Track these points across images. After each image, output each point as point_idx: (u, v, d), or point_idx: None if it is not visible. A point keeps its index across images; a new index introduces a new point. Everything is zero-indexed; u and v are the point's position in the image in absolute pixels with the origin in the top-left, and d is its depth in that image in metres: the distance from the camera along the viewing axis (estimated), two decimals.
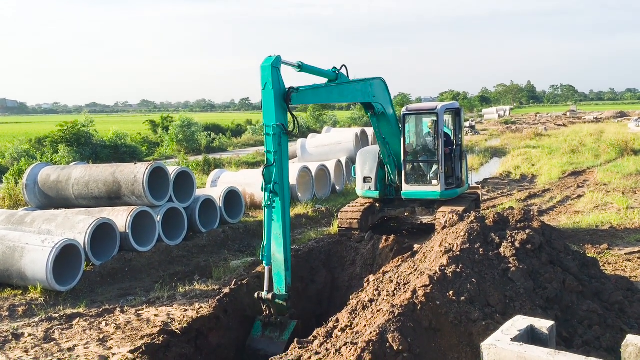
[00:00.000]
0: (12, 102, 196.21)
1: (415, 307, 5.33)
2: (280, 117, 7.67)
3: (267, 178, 7.73)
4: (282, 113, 7.72)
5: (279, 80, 7.67)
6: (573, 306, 5.75)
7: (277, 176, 7.68)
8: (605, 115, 69.13)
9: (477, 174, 24.34)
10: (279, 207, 7.68)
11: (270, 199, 7.68)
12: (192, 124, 36.59)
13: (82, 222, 10.85)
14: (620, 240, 11.06)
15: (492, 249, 6.21)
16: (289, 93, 7.75)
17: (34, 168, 13.73)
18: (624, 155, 24.49)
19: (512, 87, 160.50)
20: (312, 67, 9.02)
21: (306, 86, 8.46)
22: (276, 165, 7.67)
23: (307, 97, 8.60)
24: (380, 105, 10.99)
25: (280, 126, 7.62)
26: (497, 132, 49.06)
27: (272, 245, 7.71)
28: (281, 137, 7.67)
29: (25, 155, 25.14)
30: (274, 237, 7.72)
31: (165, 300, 9.03)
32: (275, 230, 7.71)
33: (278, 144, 7.66)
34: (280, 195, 7.69)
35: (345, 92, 9.80)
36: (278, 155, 7.68)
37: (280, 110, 7.69)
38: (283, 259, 7.65)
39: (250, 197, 16.49)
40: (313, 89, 8.77)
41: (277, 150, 7.65)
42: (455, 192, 12.05)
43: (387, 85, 11.29)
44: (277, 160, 7.67)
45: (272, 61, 7.56)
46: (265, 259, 7.64)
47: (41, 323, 8.15)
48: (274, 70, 7.56)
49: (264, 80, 7.61)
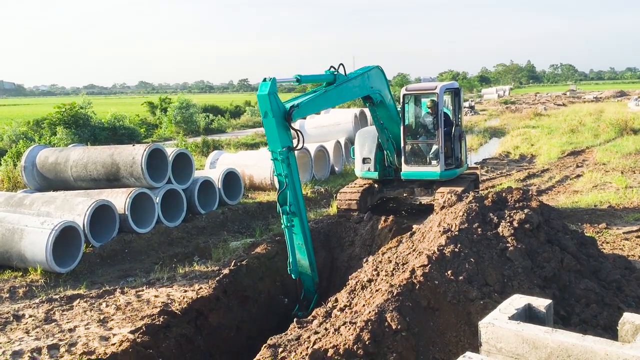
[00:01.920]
0: (9, 84, 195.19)
1: (413, 286, 5.36)
2: (285, 140, 7.78)
3: (282, 201, 7.95)
4: (286, 135, 7.82)
5: (277, 105, 7.69)
6: (571, 285, 5.78)
7: (292, 197, 7.88)
8: (605, 95, 68.88)
9: (476, 154, 24.31)
10: (298, 223, 7.96)
11: (288, 219, 7.94)
12: (190, 105, 36.40)
13: (81, 204, 10.85)
14: (618, 220, 11.09)
15: (491, 228, 6.22)
16: (290, 112, 7.81)
17: (32, 150, 13.69)
18: (623, 135, 24.45)
19: (512, 67, 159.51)
20: (309, 77, 9.03)
21: (305, 100, 8.51)
22: (289, 187, 7.84)
23: (308, 109, 8.76)
24: (378, 94, 10.96)
25: (286, 150, 7.73)
26: (497, 112, 48.93)
27: (297, 255, 8.16)
28: (289, 158, 7.80)
29: (24, 138, 25.04)
30: (297, 247, 8.13)
31: (165, 281, 9.07)
32: (297, 242, 8.09)
33: (287, 165, 7.78)
34: (297, 213, 7.93)
35: (343, 92, 9.77)
36: (289, 177, 7.83)
37: (284, 133, 7.79)
38: (308, 263, 8.21)
39: (249, 178, 16.49)
40: (312, 101, 8.81)
41: (287, 173, 7.80)
42: (455, 173, 12.05)
43: (384, 73, 11.22)
44: (289, 182, 7.84)
45: (268, 89, 7.51)
46: (294, 272, 8.19)
47: (42, 304, 8.19)
48: (271, 97, 7.55)
49: (263, 109, 7.63)
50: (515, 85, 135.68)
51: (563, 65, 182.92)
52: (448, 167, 11.84)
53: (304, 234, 8.05)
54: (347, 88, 9.85)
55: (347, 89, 9.83)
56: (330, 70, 9.39)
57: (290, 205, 7.86)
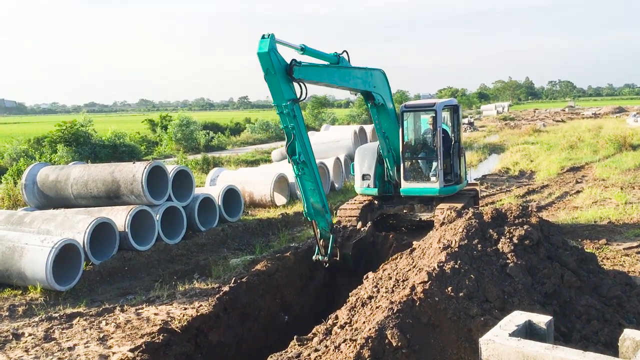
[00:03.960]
0: (10, 103, 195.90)
1: (414, 303, 5.34)
2: (289, 93, 8.08)
3: (292, 152, 8.31)
4: (289, 88, 8.11)
5: (278, 60, 7.91)
6: (571, 301, 5.76)
7: (300, 146, 8.25)
8: (603, 111, 69.14)
9: (476, 170, 24.35)
10: (308, 170, 8.38)
11: (299, 169, 8.36)
12: (190, 122, 36.56)
13: (81, 222, 10.85)
14: (618, 236, 11.09)
15: (490, 245, 6.22)
16: (291, 66, 8.05)
17: (32, 168, 13.73)
18: (622, 151, 24.52)
19: (511, 84, 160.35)
20: (314, 50, 9.35)
21: (309, 63, 8.71)
22: (296, 137, 8.19)
23: (309, 73, 8.85)
24: (380, 96, 11.06)
25: (291, 102, 8.05)
26: (496, 128, 49.10)
27: (310, 200, 8.60)
28: (294, 110, 8.13)
29: (24, 156, 25.11)
30: (309, 192, 8.57)
31: (164, 298, 9.05)
32: (309, 187, 8.53)
33: (293, 117, 8.11)
34: (307, 161, 8.33)
35: (346, 76, 9.98)
36: (296, 129, 8.18)
37: (287, 86, 8.07)
38: (321, 205, 8.70)
39: (249, 195, 16.50)
40: (315, 66, 9.06)
41: (293, 124, 8.14)
42: (454, 189, 12.06)
43: (387, 78, 11.31)
44: (297, 133, 8.19)
45: (268, 46, 7.73)
46: (309, 215, 8.72)
47: (41, 323, 8.16)
48: (271, 54, 7.77)
49: (265, 66, 7.88)
50: (514, 101, 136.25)
51: (561, 82, 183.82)
52: (447, 183, 11.87)
53: (315, 180, 8.45)
54: (350, 74, 10.12)
55: (349, 74, 10.09)
56: (335, 53, 9.70)
57: (300, 154, 8.24)
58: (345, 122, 50.37)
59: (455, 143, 12.21)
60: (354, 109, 63.94)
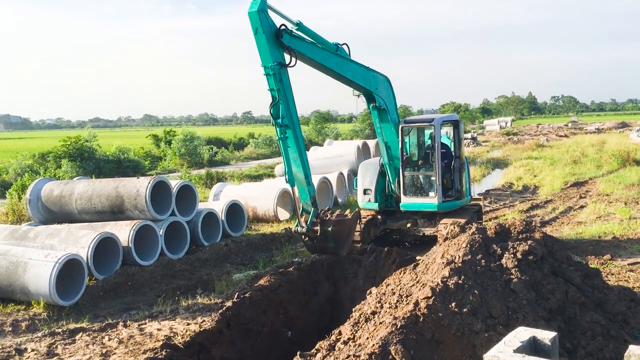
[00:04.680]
0: (15, 118, 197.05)
1: (417, 319, 5.33)
2: (277, 56, 8.34)
3: (275, 114, 8.52)
4: (277, 51, 8.36)
5: (268, 22, 8.17)
6: (576, 317, 5.73)
7: (284, 110, 8.47)
8: (606, 126, 69.16)
9: (479, 185, 24.34)
10: (292, 135, 8.55)
11: (282, 132, 8.54)
12: (194, 137, 36.71)
13: (85, 237, 10.87)
14: (623, 251, 11.04)
15: (494, 260, 6.21)
16: (279, 31, 8.31)
17: (37, 183, 13.78)
18: (625, 166, 24.48)
19: (514, 99, 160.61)
20: (312, 31, 9.51)
21: (300, 36, 9.04)
22: (281, 100, 8.42)
23: (300, 45, 9.07)
24: (382, 100, 11.14)
25: (277, 65, 8.29)
26: (499, 143, 49.11)
27: (292, 167, 8.72)
28: (281, 74, 8.36)
29: (29, 171, 25.22)
30: (292, 160, 8.69)
31: (167, 314, 9.02)
32: (292, 155, 8.67)
33: (279, 80, 8.33)
34: (290, 126, 8.50)
35: (344, 66, 10.20)
36: (281, 92, 8.41)
37: (275, 49, 8.32)
38: (303, 176, 8.81)
39: (252, 210, 16.51)
40: (309, 42, 9.28)
41: (279, 88, 8.37)
42: (455, 204, 12.03)
43: (391, 86, 11.37)
44: (282, 96, 8.42)
45: (258, 6, 8.03)
46: (290, 182, 8.74)
47: (44, 338, 8.14)
48: (261, 15, 8.04)
49: (254, 25, 8.12)
50: (517, 116, 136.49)
51: (564, 97, 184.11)
52: (447, 198, 11.84)
53: (298, 148, 8.61)
54: (349, 66, 10.29)
55: (348, 65, 10.27)
56: (335, 43, 9.88)
57: (283, 118, 8.43)
58: (348, 137, 50.49)
59: (456, 158, 12.21)
60: (357, 124, 64.09)
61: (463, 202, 12.40)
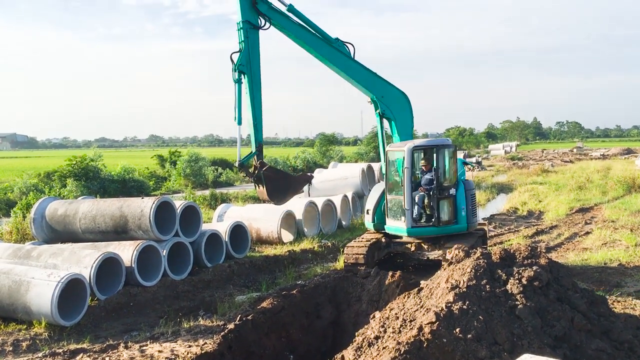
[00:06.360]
0: (22, 137, 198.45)
1: (421, 344, 5.27)
2: (246, 15, 9.89)
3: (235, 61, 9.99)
4: (248, 12, 9.88)
5: None
6: (582, 345, 5.67)
7: (244, 59, 9.94)
8: (611, 152, 69.14)
9: (484, 209, 24.27)
10: (248, 83, 9.95)
11: (238, 75, 9.97)
12: (199, 158, 36.84)
13: (88, 257, 10.86)
14: (629, 278, 10.94)
15: (499, 285, 6.16)
16: None
17: (41, 202, 13.82)
18: (631, 192, 24.39)
19: (519, 124, 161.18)
20: (304, 16, 10.71)
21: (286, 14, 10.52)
22: (243, 51, 9.90)
23: (280, 20, 10.56)
24: (389, 110, 11.37)
25: (246, 22, 9.92)
26: (504, 167, 49.12)
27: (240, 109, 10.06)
28: (248, 31, 9.93)
29: (34, 189, 25.28)
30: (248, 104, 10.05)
31: (169, 335, 8.96)
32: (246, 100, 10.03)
33: (245, 36, 9.97)
34: (247, 74, 9.93)
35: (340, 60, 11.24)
36: (245, 44, 9.93)
37: (248, 10, 9.87)
38: (253, 124, 10.22)
39: (256, 232, 16.50)
40: (296, 23, 10.65)
41: (244, 40, 9.97)
42: (432, 231, 11.92)
43: (409, 104, 11.54)
44: (244, 47, 9.92)
45: None
46: (238, 120, 10.19)
47: (45, 358, 8.09)
48: None
49: None
50: (522, 141, 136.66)
51: (569, 123, 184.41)
52: (426, 224, 11.83)
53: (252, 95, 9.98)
54: (348, 63, 11.04)
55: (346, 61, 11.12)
56: (336, 38, 10.44)
57: (240, 65, 9.90)
58: (353, 160, 50.54)
59: (440, 184, 11.96)
60: (362, 147, 64.22)
61: (455, 230, 12.11)
